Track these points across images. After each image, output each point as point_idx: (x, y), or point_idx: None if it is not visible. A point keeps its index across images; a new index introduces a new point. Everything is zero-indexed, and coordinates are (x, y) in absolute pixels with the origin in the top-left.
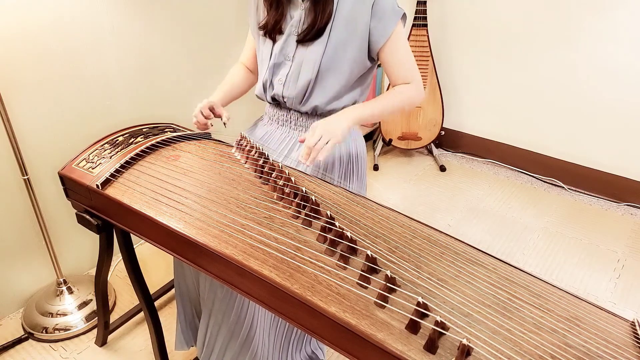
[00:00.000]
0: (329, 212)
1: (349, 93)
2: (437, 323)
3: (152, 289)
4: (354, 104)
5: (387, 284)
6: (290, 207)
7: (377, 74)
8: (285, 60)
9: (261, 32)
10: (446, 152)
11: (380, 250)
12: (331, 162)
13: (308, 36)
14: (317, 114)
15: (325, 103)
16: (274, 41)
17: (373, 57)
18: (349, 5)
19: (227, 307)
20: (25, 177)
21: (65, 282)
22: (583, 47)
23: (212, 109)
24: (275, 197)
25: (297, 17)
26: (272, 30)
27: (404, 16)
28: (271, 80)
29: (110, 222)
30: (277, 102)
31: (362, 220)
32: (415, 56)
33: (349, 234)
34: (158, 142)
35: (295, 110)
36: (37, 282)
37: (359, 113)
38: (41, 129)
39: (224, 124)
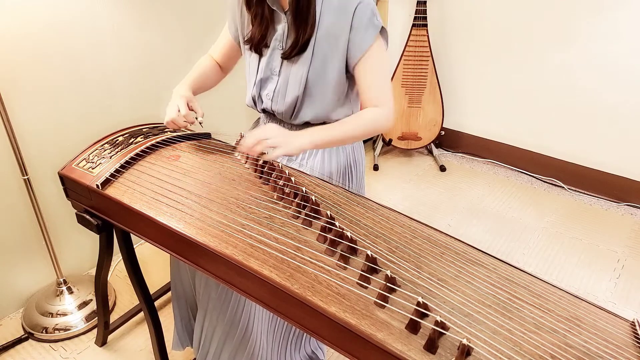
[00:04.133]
0: (329, 212)
1: (340, 108)
2: (437, 323)
3: (152, 289)
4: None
5: (387, 284)
6: (290, 207)
7: None
8: (272, 75)
9: (247, 46)
10: (446, 152)
11: (380, 250)
12: (329, 163)
13: (293, 53)
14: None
15: (315, 118)
16: (261, 55)
17: (352, 73)
18: (331, 18)
19: (222, 307)
20: (25, 177)
21: (65, 282)
22: (583, 47)
23: (189, 106)
24: (275, 197)
25: (280, 31)
26: (257, 44)
27: (383, 31)
28: (259, 94)
29: (110, 222)
30: (269, 113)
31: (362, 220)
32: (415, 56)
33: (349, 234)
34: (158, 142)
35: (287, 123)
36: (37, 282)
37: (321, 136)
38: (41, 129)
39: (200, 123)
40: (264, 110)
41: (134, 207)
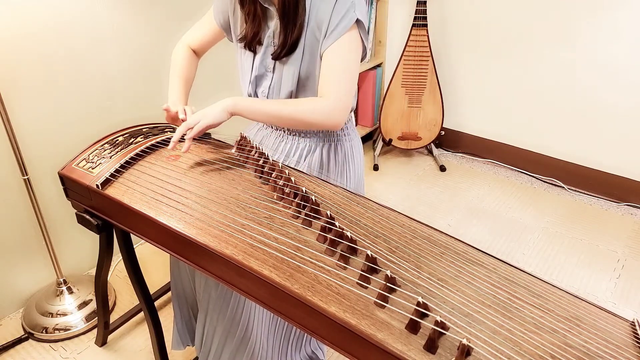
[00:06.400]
0: (329, 212)
1: None
2: (437, 323)
3: (152, 289)
4: None
5: (387, 284)
6: (290, 207)
7: (377, 75)
8: (266, 72)
9: (240, 45)
10: (446, 152)
11: (380, 250)
12: (327, 161)
13: (282, 54)
14: None
15: None
16: (255, 53)
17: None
18: (320, 9)
19: (221, 307)
20: (25, 177)
21: (65, 282)
22: (583, 47)
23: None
24: (275, 197)
25: (272, 28)
26: (251, 42)
27: (361, 25)
28: (255, 92)
29: (110, 222)
30: None
31: (362, 220)
32: (415, 56)
33: (349, 234)
34: (158, 142)
35: None
36: (37, 282)
37: (247, 103)
38: (41, 129)
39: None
40: None
41: (134, 207)
